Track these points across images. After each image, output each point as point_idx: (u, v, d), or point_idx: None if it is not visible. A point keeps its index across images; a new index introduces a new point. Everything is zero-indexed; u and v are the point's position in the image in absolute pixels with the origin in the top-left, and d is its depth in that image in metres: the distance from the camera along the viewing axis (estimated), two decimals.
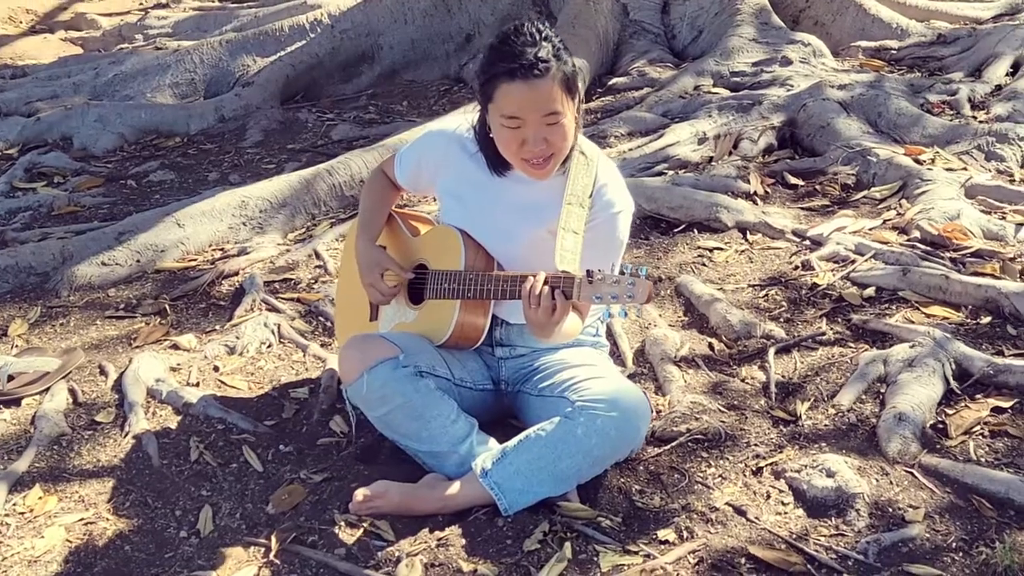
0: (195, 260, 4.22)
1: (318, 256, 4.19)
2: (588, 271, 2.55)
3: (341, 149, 5.52)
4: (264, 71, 6.21)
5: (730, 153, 4.88)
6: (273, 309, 3.78)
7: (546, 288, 2.59)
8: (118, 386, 3.36)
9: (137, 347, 3.61)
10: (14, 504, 2.82)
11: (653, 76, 5.82)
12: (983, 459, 2.86)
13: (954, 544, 2.56)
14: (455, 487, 2.73)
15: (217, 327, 3.72)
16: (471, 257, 2.83)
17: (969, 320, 3.48)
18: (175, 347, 3.59)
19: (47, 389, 3.34)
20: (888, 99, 5.15)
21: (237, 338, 3.59)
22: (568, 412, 2.70)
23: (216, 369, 3.47)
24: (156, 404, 3.26)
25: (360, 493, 2.72)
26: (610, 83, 5.89)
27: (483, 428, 2.86)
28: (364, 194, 3.17)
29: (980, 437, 2.95)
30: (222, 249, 4.30)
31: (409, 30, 6.48)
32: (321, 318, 3.75)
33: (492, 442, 2.82)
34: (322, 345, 3.60)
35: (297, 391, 3.33)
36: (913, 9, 6.76)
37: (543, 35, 2.61)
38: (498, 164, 2.81)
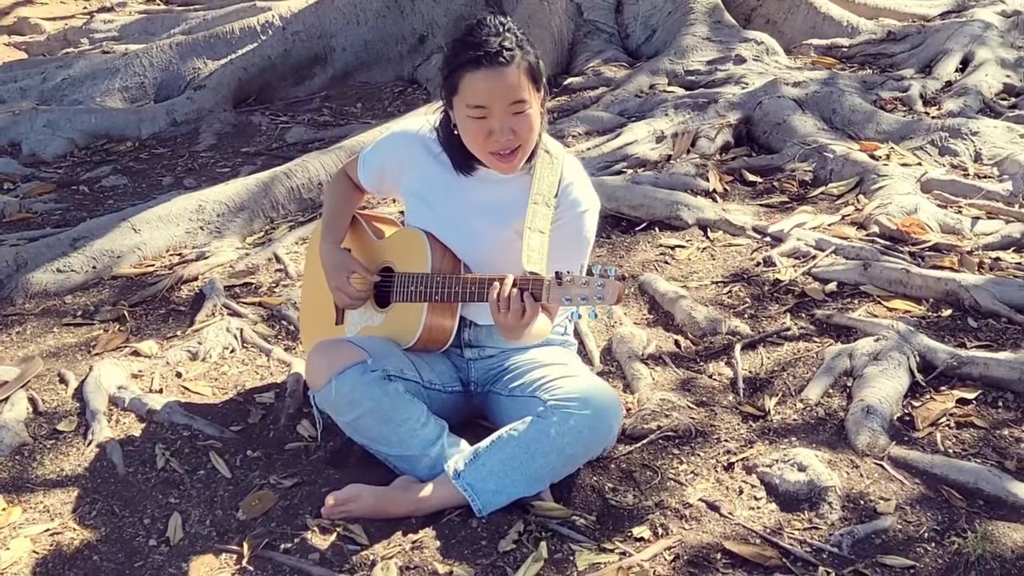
0: (152, 265, 4.16)
1: (278, 260, 4.14)
2: (557, 273, 2.54)
3: (296, 152, 5.48)
4: (216, 74, 6.14)
5: (688, 151, 4.90)
6: (235, 314, 3.74)
7: (515, 291, 2.58)
8: (79, 394, 3.30)
9: (96, 354, 3.55)
10: None
11: (608, 75, 5.83)
12: (951, 450, 2.89)
13: (926, 535, 2.58)
14: (428, 489, 2.71)
15: (178, 333, 3.67)
16: (437, 259, 2.81)
17: (931, 313, 3.51)
18: (136, 354, 3.54)
19: (6, 398, 3.27)
20: (842, 96, 5.20)
21: (199, 344, 3.54)
22: (540, 411, 2.69)
23: (179, 375, 3.42)
24: (119, 412, 3.21)
25: (332, 497, 2.69)
26: (565, 83, 5.89)
27: (453, 430, 2.84)
28: (327, 197, 3.15)
29: (947, 428, 2.97)
30: (179, 254, 4.24)
31: (362, 31, 6.44)
32: (284, 322, 3.71)
33: (463, 444, 2.81)
34: (286, 349, 3.56)
35: (263, 396, 3.29)
36: (862, 7, 6.83)
37: (506, 27, 2.63)
38: (463, 162, 2.79)
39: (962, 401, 3.07)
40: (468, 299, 2.73)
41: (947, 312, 3.51)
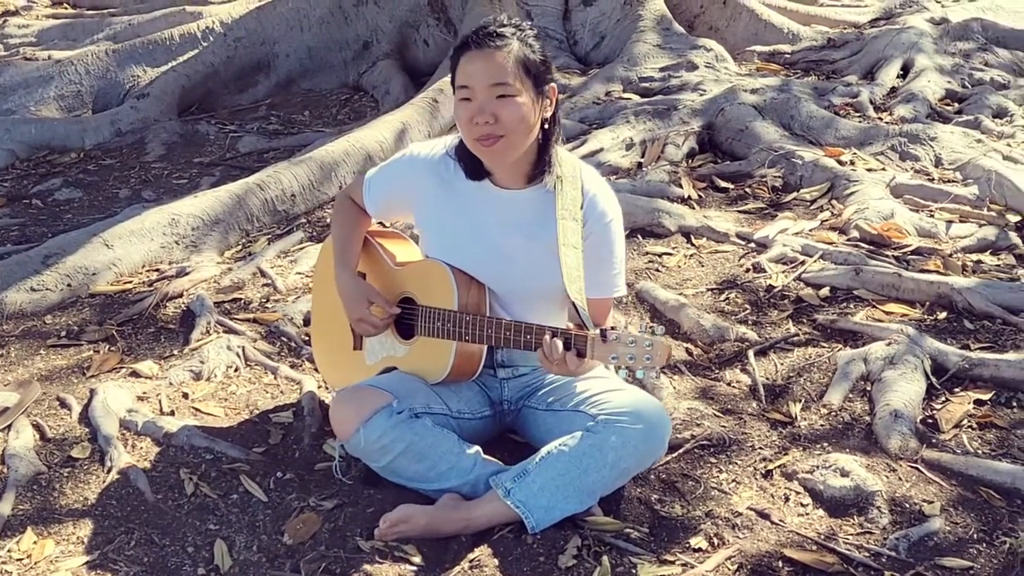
0: (130, 282, 4.03)
1: (263, 274, 4.05)
2: (602, 330, 2.51)
3: (252, 161, 5.38)
4: (158, 82, 5.97)
5: (656, 159, 4.94)
6: (231, 331, 3.64)
7: (558, 344, 2.56)
8: (85, 419, 3.18)
9: (92, 376, 3.42)
10: (8, 551, 2.64)
11: (562, 82, 5.83)
12: (979, 451, 2.96)
13: (975, 535, 2.64)
14: (477, 507, 2.69)
15: (174, 352, 3.56)
16: (463, 295, 2.77)
17: (927, 316, 3.60)
18: (135, 375, 3.42)
19: (9, 426, 3.13)
20: (799, 102, 5.30)
21: (201, 362, 3.44)
22: (591, 426, 2.67)
23: (186, 396, 3.32)
24: (132, 436, 3.10)
25: (385, 519, 2.65)
26: None
27: (483, 447, 2.83)
28: (334, 223, 3.07)
29: (970, 429, 3.05)
30: (157, 270, 4.12)
31: (305, 38, 6.34)
32: (284, 338, 3.63)
33: (497, 463, 2.79)
34: (292, 366, 3.49)
35: (279, 416, 3.21)
36: (795, 14, 6.97)
37: (513, 22, 2.67)
38: (471, 166, 2.78)
39: (979, 402, 3.16)
40: (502, 344, 2.70)
41: (943, 315, 3.60)
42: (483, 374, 2.90)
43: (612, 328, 2.51)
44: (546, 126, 2.72)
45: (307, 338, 3.64)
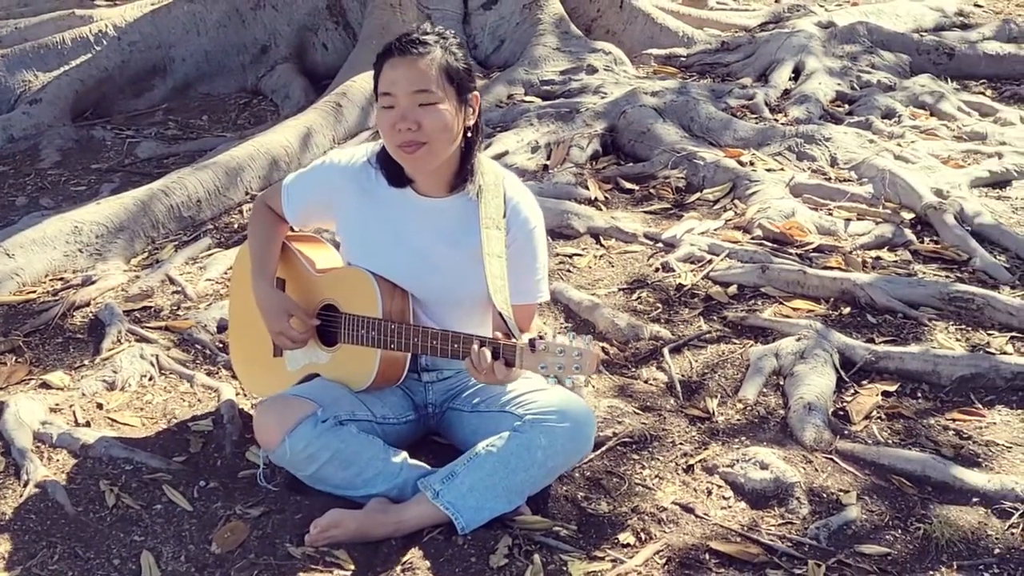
0: (34, 292, 3.93)
1: (172, 281, 3.99)
2: (531, 340, 2.52)
3: (152, 168, 5.29)
4: (51, 87, 5.82)
5: (562, 161, 4.99)
6: (143, 339, 3.58)
7: (487, 354, 2.57)
8: None
9: (0, 389, 3.33)
10: None
11: None
12: (889, 440, 3.07)
13: (890, 522, 2.75)
14: (407, 510, 2.71)
15: (85, 362, 3.49)
16: (387, 302, 2.77)
17: (832, 312, 3.71)
18: (45, 386, 3.35)
19: None
20: (697, 104, 5.41)
21: (114, 372, 3.38)
22: (518, 426, 2.70)
23: (100, 407, 3.26)
24: (48, 449, 3.03)
25: (315, 525, 2.65)
26: None
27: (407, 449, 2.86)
28: (251, 232, 3.04)
29: (879, 420, 3.17)
30: (62, 279, 4.02)
31: (202, 41, 6.24)
32: (198, 346, 3.59)
33: (424, 466, 2.81)
34: (208, 374, 3.45)
35: (198, 424, 3.18)
36: (688, 18, 7.10)
37: (436, 30, 2.69)
38: (392, 174, 2.78)
39: (886, 394, 3.28)
40: (428, 353, 2.71)
41: (846, 310, 3.72)
42: (407, 378, 2.90)
43: (540, 337, 2.53)
44: (469, 134, 2.74)
45: (221, 345, 3.60)
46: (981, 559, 2.60)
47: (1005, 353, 3.43)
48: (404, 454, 2.82)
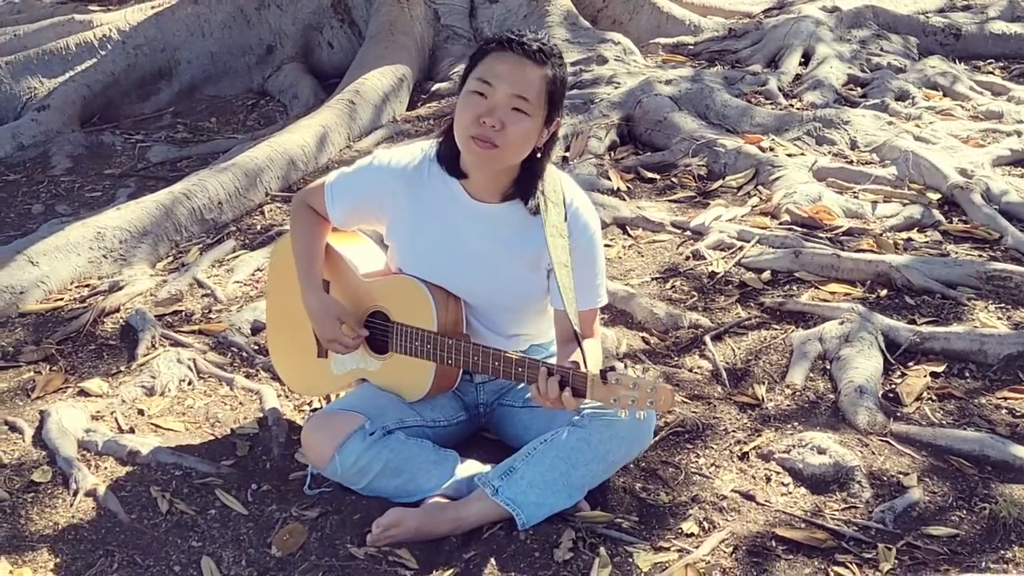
0: (61, 299, 3.89)
1: (201, 284, 3.95)
2: (602, 371, 2.45)
3: (166, 171, 5.24)
4: (57, 93, 5.77)
5: (582, 153, 4.96)
6: (177, 344, 3.54)
7: (554, 383, 2.49)
8: (40, 441, 3.05)
9: (38, 398, 3.29)
10: None
11: None
12: (942, 421, 3.05)
13: (954, 503, 2.73)
14: (466, 507, 2.67)
15: (121, 368, 3.44)
16: (442, 315, 2.72)
17: (869, 295, 3.69)
18: (83, 394, 3.30)
19: None
20: (712, 92, 5.39)
21: (152, 378, 3.34)
22: (577, 420, 2.66)
23: (141, 413, 3.22)
24: (94, 456, 2.99)
25: (376, 524, 2.61)
26: (433, 88, 5.85)
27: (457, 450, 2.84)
28: (294, 233, 2.95)
29: (930, 401, 3.15)
30: (88, 285, 3.97)
31: (207, 43, 6.19)
32: (234, 349, 3.54)
33: (475, 464, 2.79)
34: (247, 376, 3.41)
35: (243, 427, 3.14)
36: (693, 6, 7.08)
37: (551, 46, 2.58)
38: (446, 158, 2.69)
39: (934, 375, 3.25)
40: (489, 374, 2.66)
41: (883, 292, 3.69)
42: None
43: (611, 369, 2.46)
44: (538, 154, 2.67)
45: (257, 347, 3.56)
46: None
47: None
48: (455, 454, 2.79)
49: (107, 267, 4.06)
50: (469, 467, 2.77)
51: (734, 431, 3.04)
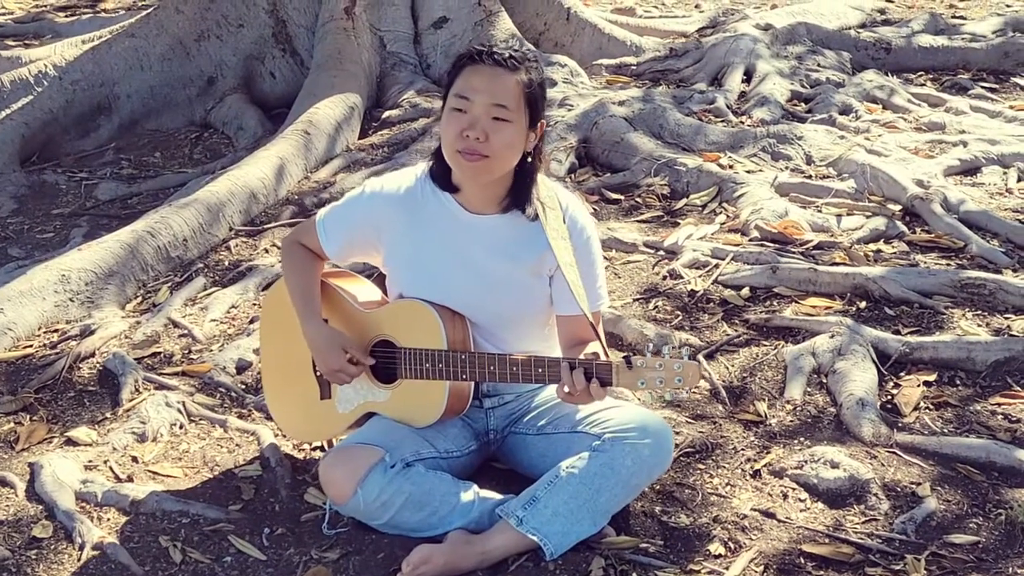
0: (30, 346, 3.76)
1: (176, 324, 3.86)
2: (626, 357, 2.51)
3: (118, 209, 5.12)
4: None
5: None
6: (163, 387, 3.45)
7: (579, 375, 2.53)
8: (35, 495, 2.95)
9: (23, 450, 3.18)
10: None
11: (425, 106, 5.79)
12: (944, 430, 3.10)
13: (969, 510, 2.77)
14: (490, 539, 2.65)
15: (107, 415, 3.35)
16: (450, 332, 2.71)
17: (848, 307, 3.74)
18: (71, 443, 3.20)
19: None
20: (665, 112, 5.44)
21: (142, 423, 3.25)
22: (598, 446, 2.66)
23: (136, 460, 3.13)
24: (94, 508, 2.90)
25: (406, 563, 2.57)
26: (383, 116, 5.80)
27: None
28: (288, 274, 2.94)
29: (928, 410, 3.20)
30: (57, 330, 3.85)
31: (147, 76, 6.05)
32: (222, 389, 3.47)
33: (496, 495, 2.76)
34: (240, 416, 3.33)
35: (245, 469, 3.07)
36: (627, 27, 7.13)
37: (525, 50, 2.65)
38: (439, 175, 2.73)
39: (926, 384, 3.31)
40: (509, 380, 2.67)
41: (862, 304, 3.75)
42: (468, 407, 2.84)
43: (634, 354, 2.51)
44: (528, 159, 2.70)
45: (245, 386, 3.49)
46: None
47: None
48: (474, 486, 2.76)
49: (75, 311, 3.94)
50: (489, 498, 2.75)
51: (743, 449, 3.05)
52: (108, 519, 2.86)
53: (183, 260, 4.34)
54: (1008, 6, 8.92)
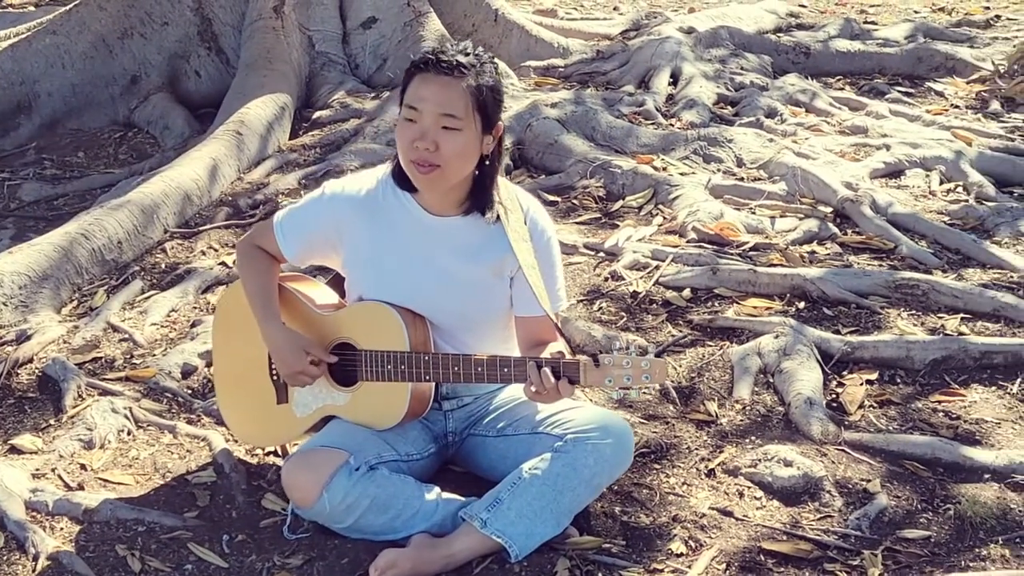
0: None
1: (116, 329, 3.79)
2: (594, 356, 2.54)
3: (44, 211, 5.03)
4: None
5: None
6: (107, 393, 3.39)
7: (548, 373, 2.56)
8: None
9: None
10: None
11: (356, 106, 5.77)
12: (889, 427, 3.19)
13: (919, 506, 2.85)
14: (455, 542, 2.65)
15: (51, 422, 3.28)
16: (412, 333, 2.71)
17: (787, 308, 3.82)
18: (15, 451, 3.13)
19: None
20: (597, 114, 5.49)
21: (89, 430, 3.18)
22: (560, 446, 2.68)
23: (84, 468, 3.07)
24: (45, 517, 2.84)
25: (374, 569, 2.56)
26: (314, 117, 5.76)
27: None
28: (245, 277, 2.91)
29: (872, 408, 3.28)
30: None
31: (68, 75, 5.93)
32: (168, 394, 3.41)
33: (458, 498, 2.77)
34: (188, 422, 3.29)
35: (198, 476, 3.03)
36: (551, 28, 7.18)
37: (477, 52, 2.64)
38: (400, 177, 2.72)
39: (869, 382, 3.39)
40: (473, 380, 2.67)
41: (801, 305, 3.83)
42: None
43: (602, 352, 2.54)
44: (486, 162, 2.70)
45: (191, 391, 3.45)
46: (1016, 532, 2.72)
47: (962, 334, 3.59)
48: (437, 488, 2.77)
49: (8, 315, 3.85)
50: (451, 501, 2.75)
51: (696, 448, 3.10)
52: (61, 528, 2.80)
53: (118, 263, 4.26)
54: (916, 12, 9.20)
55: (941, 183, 5.02)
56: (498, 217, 2.73)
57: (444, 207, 2.75)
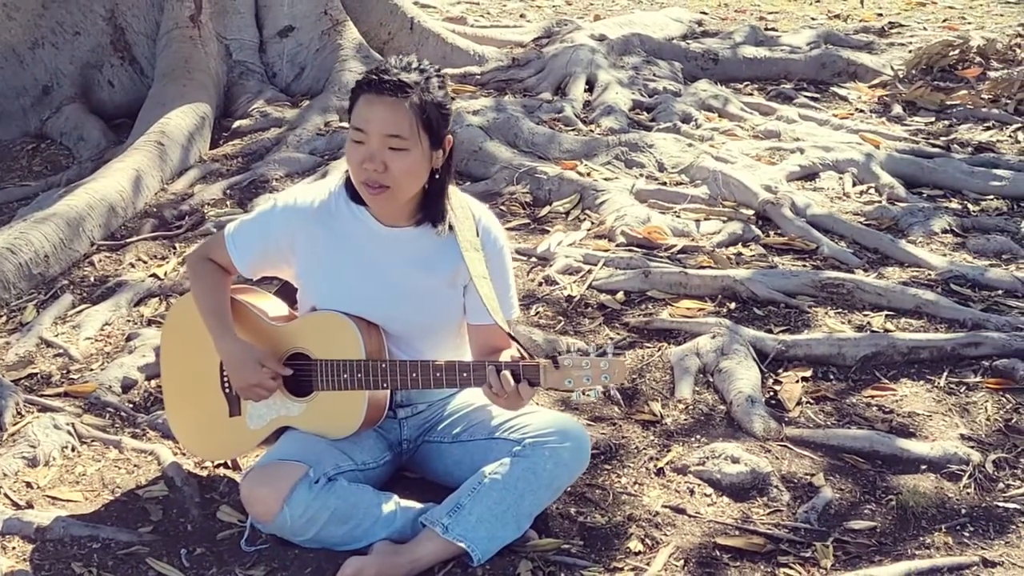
0: None
1: (49, 344, 3.73)
2: (554, 358, 2.59)
3: None
4: None
5: None
6: (47, 409, 3.34)
7: (509, 377, 2.59)
8: None
9: None
10: None
11: (276, 115, 5.74)
12: (827, 422, 3.30)
13: (861, 497, 2.96)
14: (418, 548, 2.68)
15: None
16: (367, 342, 2.73)
17: (720, 308, 3.92)
18: None
19: None
20: (518, 121, 5.55)
21: (32, 447, 3.13)
22: (519, 451, 2.72)
23: (30, 485, 3.02)
24: None
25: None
26: (234, 126, 5.71)
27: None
28: (198, 291, 2.89)
29: (809, 404, 3.39)
30: None
31: None
32: (110, 409, 3.38)
33: (416, 504, 2.79)
34: (134, 436, 3.26)
35: (149, 490, 3.00)
36: (464, 36, 7.22)
37: (422, 67, 2.65)
38: (353, 190, 2.74)
39: (804, 379, 3.51)
40: (432, 386, 2.71)
41: (732, 305, 3.94)
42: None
43: (560, 354, 2.59)
44: (436, 175, 2.73)
45: (133, 405, 3.42)
46: (955, 520, 2.84)
47: (888, 331, 3.73)
48: (395, 496, 2.79)
49: None
50: (410, 508, 2.78)
51: (644, 448, 3.17)
52: (13, 547, 2.76)
53: (45, 277, 4.19)
54: (814, 19, 9.45)
55: (854, 184, 5.18)
56: (451, 227, 2.76)
57: (396, 219, 2.77)
